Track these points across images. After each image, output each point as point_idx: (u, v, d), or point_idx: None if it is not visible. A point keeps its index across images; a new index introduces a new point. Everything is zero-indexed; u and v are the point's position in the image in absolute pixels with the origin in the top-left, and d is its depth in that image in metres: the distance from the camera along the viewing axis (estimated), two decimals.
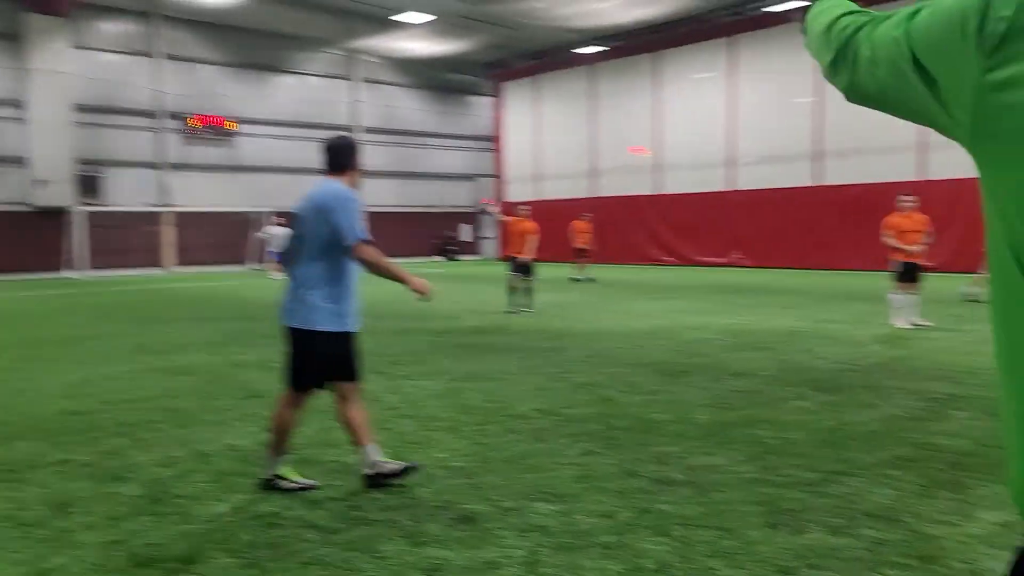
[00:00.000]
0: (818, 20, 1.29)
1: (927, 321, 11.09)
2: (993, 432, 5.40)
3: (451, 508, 4.09)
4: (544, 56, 35.70)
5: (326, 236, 4.35)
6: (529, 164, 37.02)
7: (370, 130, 37.13)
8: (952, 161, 23.35)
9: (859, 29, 1.14)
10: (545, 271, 19.17)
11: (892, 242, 11.01)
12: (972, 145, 0.96)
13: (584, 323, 12.17)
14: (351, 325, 4.48)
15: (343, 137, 4.85)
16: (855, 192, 25.45)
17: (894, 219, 11.05)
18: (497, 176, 39.49)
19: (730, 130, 29.29)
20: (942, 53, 0.97)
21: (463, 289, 19.54)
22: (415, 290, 4.43)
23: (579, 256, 22.39)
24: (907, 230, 10.92)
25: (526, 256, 13.85)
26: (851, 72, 1.14)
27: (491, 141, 40.38)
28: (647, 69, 31.82)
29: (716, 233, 29.29)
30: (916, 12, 1.03)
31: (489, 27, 31.08)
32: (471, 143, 40.91)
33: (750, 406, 6.33)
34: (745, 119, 28.79)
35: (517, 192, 36.10)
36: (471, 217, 41.02)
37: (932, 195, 20.47)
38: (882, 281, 14.90)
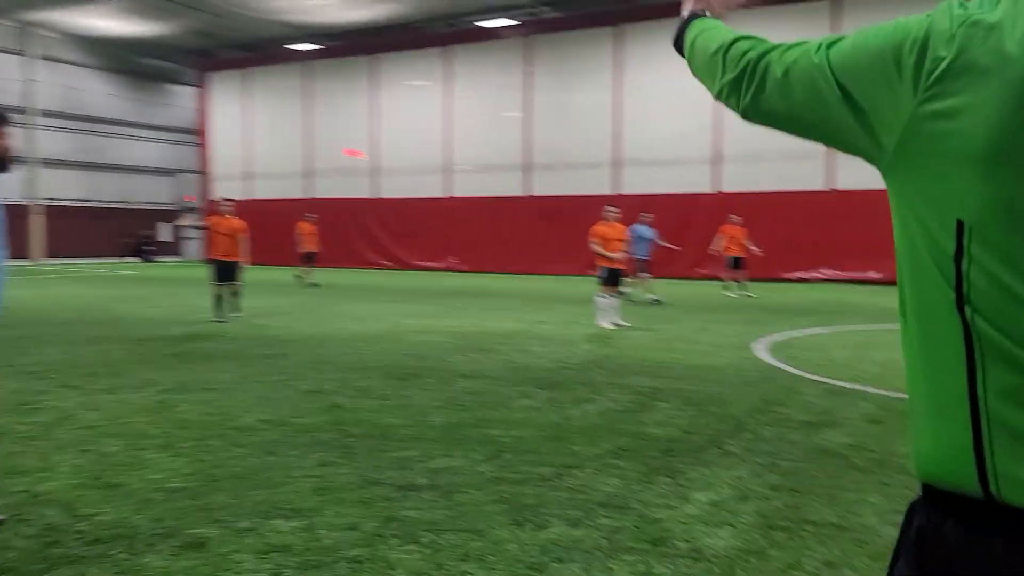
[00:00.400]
0: (703, 42, 1.37)
1: (627, 322, 12.15)
2: (693, 421, 5.99)
3: (176, 534, 3.66)
4: (255, 49, 34.14)
5: None
6: (238, 161, 35.09)
7: (48, 113, 33.08)
8: (641, 178, 25.96)
9: (764, 53, 1.21)
10: (259, 275, 18.28)
11: (598, 249, 11.91)
12: (893, 164, 1.04)
13: (304, 328, 11.73)
14: None
15: None
16: (558, 203, 27.32)
17: (600, 228, 11.97)
18: (202, 172, 37.02)
19: (446, 138, 30.04)
20: (871, 83, 1.05)
21: (165, 293, 18.01)
22: None
23: (306, 260, 21.37)
24: (611, 238, 11.88)
25: (237, 258, 12.49)
26: (756, 92, 1.20)
27: (195, 135, 37.78)
28: (364, 72, 31.64)
29: (433, 238, 29.88)
30: (835, 42, 1.10)
31: (192, 12, 29.02)
32: (172, 135, 37.99)
33: (481, 406, 6.46)
34: (460, 128, 29.71)
35: (225, 190, 33.94)
36: (171, 215, 38.07)
37: (625, 208, 22.48)
38: (585, 285, 16.09)
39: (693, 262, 24.48)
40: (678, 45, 1.47)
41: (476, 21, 28.90)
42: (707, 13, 1.46)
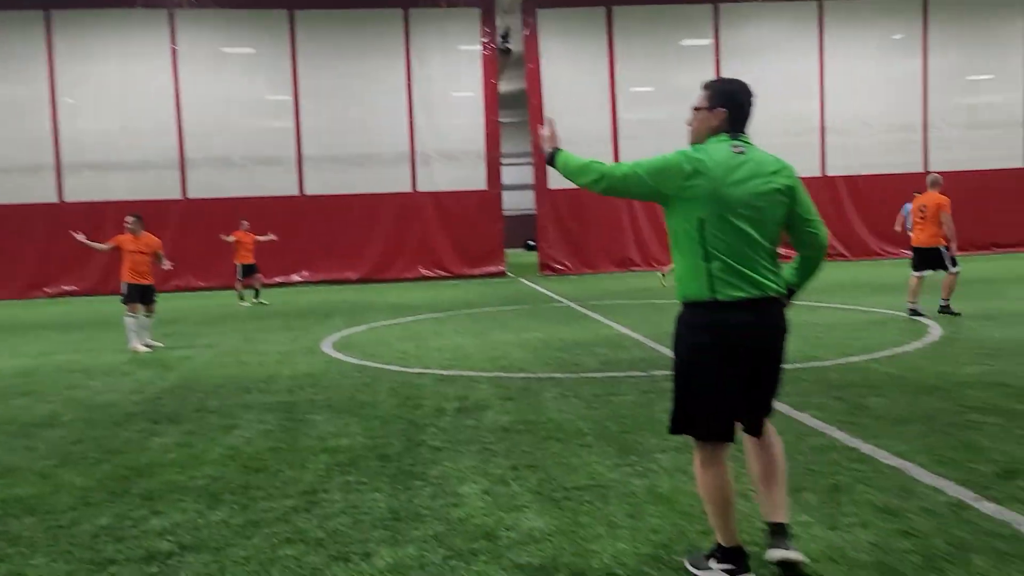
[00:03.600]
0: (572, 163, 3.26)
1: (159, 342, 11.05)
2: (367, 427, 5.90)
3: None
4: None
5: None
6: None
7: None
8: (94, 184, 23.19)
9: (615, 168, 3.12)
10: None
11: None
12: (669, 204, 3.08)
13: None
14: None
15: None
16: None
17: (123, 238, 10.67)
18: None
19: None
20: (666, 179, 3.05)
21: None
22: None
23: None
24: (134, 250, 10.66)
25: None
26: (609, 183, 3.13)
27: None
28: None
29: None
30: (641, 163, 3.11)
31: None
32: None
33: (117, 452, 5.38)
34: None
35: None
36: None
37: (78, 216, 20.09)
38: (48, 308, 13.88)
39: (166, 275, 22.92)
40: (551, 162, 3.32)
41: None
42: (560, 146, 3.36)
